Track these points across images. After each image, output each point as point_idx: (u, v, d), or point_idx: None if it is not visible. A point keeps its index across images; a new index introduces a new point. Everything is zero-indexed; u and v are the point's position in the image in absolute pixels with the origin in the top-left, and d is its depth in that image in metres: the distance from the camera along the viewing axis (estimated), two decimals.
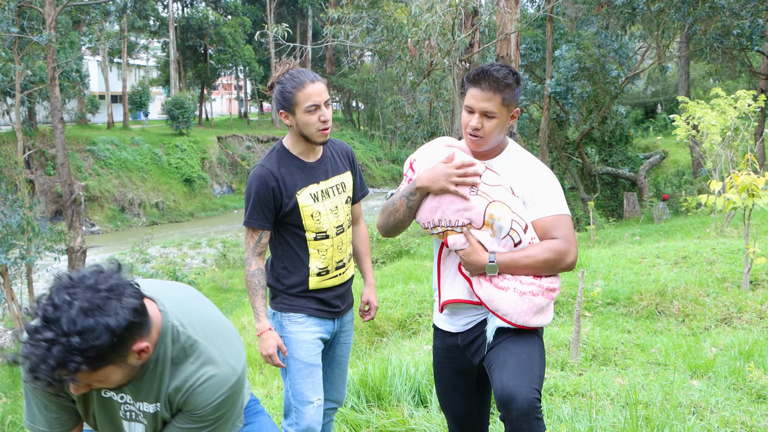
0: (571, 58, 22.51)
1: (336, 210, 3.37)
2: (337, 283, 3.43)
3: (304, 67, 3.68)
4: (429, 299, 7.86)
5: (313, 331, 3.35)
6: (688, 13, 18.57)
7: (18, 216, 17.81)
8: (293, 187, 3.26)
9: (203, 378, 2.08)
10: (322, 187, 3.34)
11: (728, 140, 11.83)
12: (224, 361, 2.11)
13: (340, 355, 3.60)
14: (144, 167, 42.43)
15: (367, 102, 66.19)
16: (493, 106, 2.73)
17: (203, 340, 2.12)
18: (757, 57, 24.25)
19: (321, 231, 3.31)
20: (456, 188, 2.70)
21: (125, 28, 48.12)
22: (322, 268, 3.34)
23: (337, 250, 3.39)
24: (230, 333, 2.24)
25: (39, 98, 34.31)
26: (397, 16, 13.54)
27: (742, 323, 6.22)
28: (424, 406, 4.38)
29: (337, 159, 3.47)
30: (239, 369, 2.14)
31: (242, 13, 59.37)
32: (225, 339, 2.18)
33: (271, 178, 3.23)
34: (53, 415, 2.25)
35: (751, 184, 6.55)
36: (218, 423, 2.16)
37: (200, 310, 2.25)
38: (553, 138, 25.40)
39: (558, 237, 2.74)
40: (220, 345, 2.14)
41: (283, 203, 3.25)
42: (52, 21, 20.59)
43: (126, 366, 1.99)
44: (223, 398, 2.10)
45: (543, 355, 2.80)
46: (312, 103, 3.16)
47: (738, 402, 4.25)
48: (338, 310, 3.46)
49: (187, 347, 2.10)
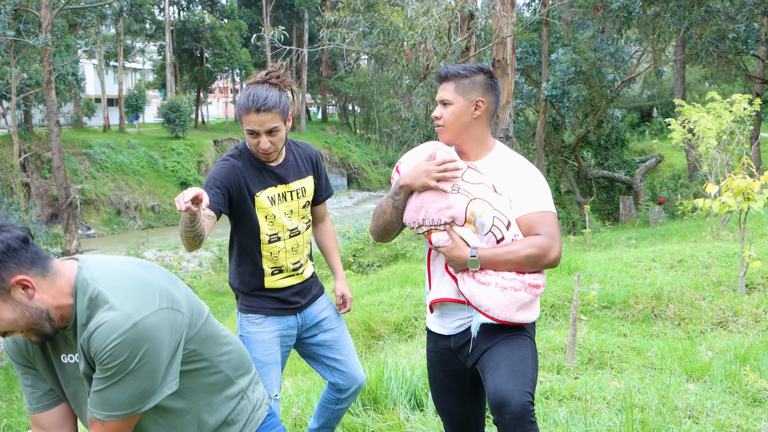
0: (567, 62, 22.53)
1: (290, 214, 3.44)
2: (294, 282, 3.51)
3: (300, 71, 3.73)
4: (424, 302, 7.85)
5: (270, 331, 3.45)
6: (683, 17, 18.60)
7: (14, 219, 17.80)
8: (253, 187, 3.32)
9: (98, 323, 2.05)
10: (280, 190, 3.40)
11: (724, 144, 11.84)
12: (121, 307, 2.07)
13: (333, 340, 3.64)
14: (140, 170, 42.41)
15: (363, 105, 66.26)
16: (447, 94, 2.89)
17: (106, 289, 2.11)
18: (753, 61, 24.31)
19: (273, 233, 3.39)
20: (437, 184, 2.75)
21: (121, 32, 48.17)
22: (275, 267, 3.43)
23: (291, 252, 3.47)
24: (137, 286, 2.17)
25: (35, 101, 34.30)
26: (393, 20, 13.54)
27: (738, 327, 6.23)
28: (420, 409, 4.37)
29: (299, 163, 3.51)
30: (135, 317, 2.06)
31: (238, 16, 59.41)
32: (133, 290, 2.14)
33: (238, 170, 3.30)
34: (31, 390, 2.35)
35: (746, 188, 6.55)
36: (121, 375, 2.08)
37: (122, 269, 2.24)
38: (549, 141, 25.42)
39: (541, 233, 2.77)
40: (122, 294, 2.11)
41: (241, 199, 3.30)
42: (48, 24, 20.58)
43: (13, 302, 2.06)
44: (116, 344, 2.04)
45: (536, 357, 2.80)
46: (250, 129, 3.20)
47: (734, 406, 4.25)
48: (297, 306, 3.53)
49: (93, 296, 2.10)
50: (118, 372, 2.07)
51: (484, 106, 2.89)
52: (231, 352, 2.44)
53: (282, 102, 3.22)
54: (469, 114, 2.87)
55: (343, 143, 59.46)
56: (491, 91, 2.91)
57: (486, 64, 19.44)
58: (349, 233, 17.02)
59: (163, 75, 56.95)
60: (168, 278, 2.31)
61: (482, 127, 2.92)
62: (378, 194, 52.59)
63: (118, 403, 2.11)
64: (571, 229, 21.98)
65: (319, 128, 62.17)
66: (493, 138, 2.97)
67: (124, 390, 2.10)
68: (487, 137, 2.95)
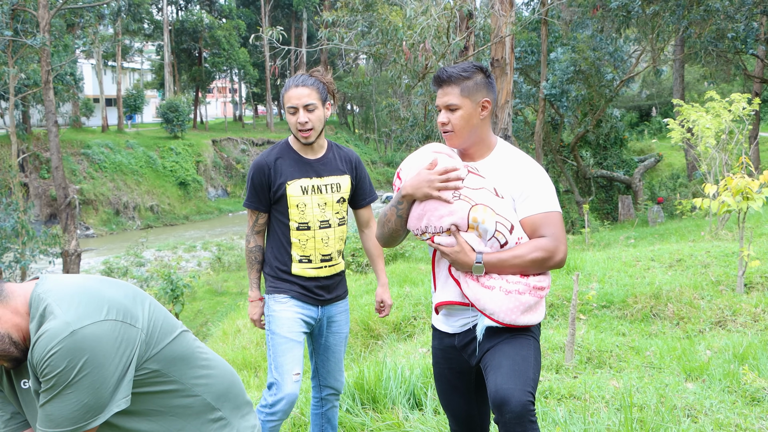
0: (566, 61, 22.54)
1: (324, 206, 3.64)
2: (322, 274, 3.66)
3: (299, 70, 3.88)
4: (424, 302, 7.85)
5: (294, 311, 3.60)
6: (682, 16, 18.60)
7: (12, 219, 17.78)
8: (284, 178, 3.57)
9: (40, 333, 2.01)
10: (315, 182, 3.62)
11: (723, 143, 11.84)
12: (62, 317, 2.02)
13: (333, 344, 3.80)
14: (139, 170, 42.40)
15: (362, 105, 66.29)
16: (453, 98, 2.83)
17: (53, 301, 2.06)
18: (752, 60, 24.31)
19: (303, 222, 3.59)
20: (439, 193, 2.73)
21: (119, 32, 48.15)
22: (303, 256, 3.61)
23: (321, 243, 3.64)
24: (83, 296, 2.11)
25: (33, 101, 34.29)
26: (391, 19, 13.53)
27: (737, 326, 6.22)
28: (419, 408, 4.37)
29: (338, 161, 3.74)
30: (75, 325, 2.00)
31: (237, 16, 59.41)
32: (78, 300, 2.08)
33: (265, 166, 3.59)
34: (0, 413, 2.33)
35: (745, 187, 6.55)
36: (61, 387, 2.01)
37: (76, 282, 2.19)
38: (548, 141, 25.44)
39: (546, 235, 2.75)
40: (66, 305, 2.06)
41: (272, 190, 3.58)
42: (46, 24, 20.57)
43: None
44: (53, 353, 1.98)
45: (538, 357, 2.80)
46: (290, 105, 3.52)
47: (732, 405, 4.25)
48: (321, 299, 3.68)
49: (42, 310, 2.06)
50: (57, 384, 2.00)
51: (490, 106, 2.87)
52: (211, 376, 2.35)
53: (320, 85, 3.56)
54: (477, 116, 2.84)
55: (342, 143, 59.34)
56: (492, 89, 2.88)
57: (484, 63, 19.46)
58: (348, 233, 17.01)
59: (161, 75, 56.97)
60: (131, 295, 2.24)
61: (486, 126, 2.90)
62: (377, 194, 52.62)
63: (60, 418, 2.03)
64: (570, 229, 21.98)
65: None
66: (494, 135, 2.95)
67: (66, 404, 2.02)
68: (490, 136, 2.93)
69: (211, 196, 47.53)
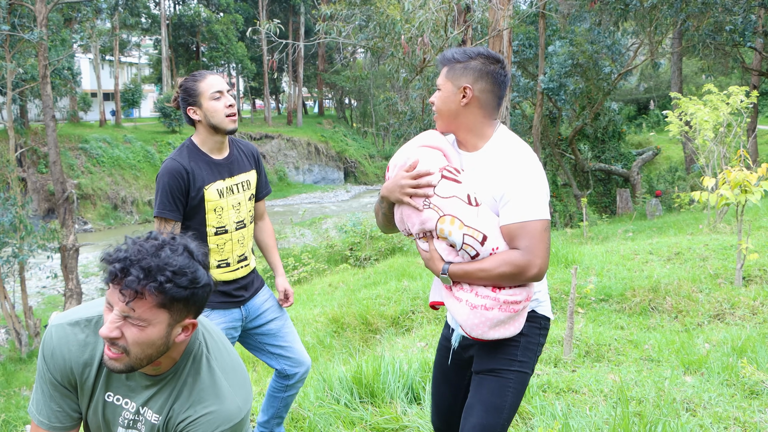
0: (563, 55, 22.53)
1: (238, 206, 3.55)
2: (239, 275, 3.61)
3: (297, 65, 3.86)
4: (422, 296, 7.85)
5: (216, 323, 3.50)
6: (680, 9, 18.59)
7: (10, 214, 17.76)
8: (201, 182, 3.42)
9: (207, 410, 2.07)
10: (228, 183, 3.52)
11: (721, 136, 11.84)
12: (232, 398, 2.10)
13: (277, 328, 3.76)
14: (136, 165, 42.32)
15: (359, 99, 66.14)
16: (439, 78, 2.75)
17: (220, 370, 2.13)
18: (750, 53, 24.29)
19: (221, 226, 3.50)
20: (410, 200, 2.63)
21: (117, 26, 47.97)
22: (221, 260, 3.52)
23: (237, 245, 3.58)
24: (244, 373, 2.22)
25: (31, 96, 34.18)
26: (389, 13, 13.51)
27: (735, 319, 6.23)
28: (417, 403, 4.37)
29: (243, 157, 3.64)
30: (244, 411, 2.12)
31: (234, 10, 59.20)
32: (239, 377, 2.17)
33: (182, 170, 3.39)
34: (55, 407, 2.23)
35: (743, 180, 6.55)
36: None
37: (222, 341, 2.26)
38: (546, 134, 25.43)
39: (521, 247, 2.54)
40: (233, 381, 2.14)
41: (191, 196, 3.41)
42: (43, 18, 20.51)
43: (169, 332, 2.01)
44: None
45: (516, 402, 2.73)
46: (215, 89, 3.40)
47: (731, 398, 4.25)
48: (242, 299, 3.63)
49: (203, 372, 2.11)
50: None
51: (472, 93, 2.67)
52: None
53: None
54: (456, 101, 2.68)
55: (340, 137, 59.35)
56: (487, 77, 2.68)
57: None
58: (346, 227, 16.99)
59: (159, 69, 56.78)
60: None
61: (474, 116, 2.70)
62: (375, 188, 52.54)
63: None
64: (568, 222, 22.01)
65: (316, 122, 62.03)
66: (492, 124, 2.74)
67: None
68: (483, 127, 2.72)
69: None
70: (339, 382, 4.48)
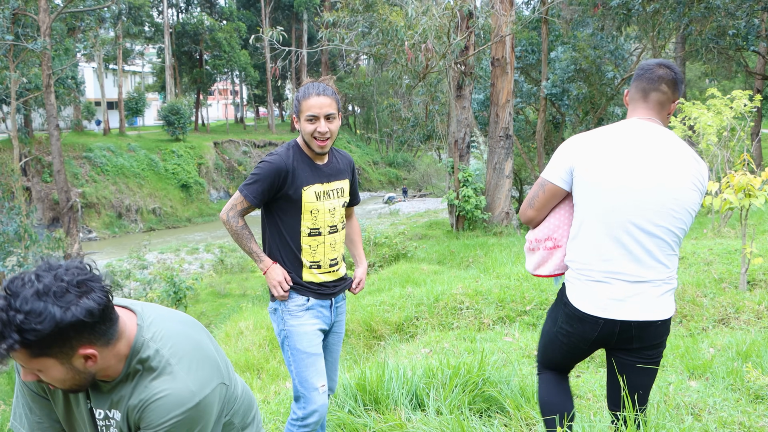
0: (566, 60, 22.54)
1: (333, 211, 3.63)
2: (329, 279, 3.68)
3: (300, 72, 3.88)
4: (426, 302, 7.83)
5: (312, 323, 3.60)
6: (683, 13, 18.59)
7: (15, 223, 17.81)
8: (301, 182, 3.51)
9: (159, 395, 2.01)
10: (326, 188, 3.60)
11: (724, 140, 11.82)
12: (184, 381, 2.03)
13: (332, 344, 3.85)
14: (141, 173, 42.43)
15: (363, 105, 66.27)
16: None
17: (170, 356, 2.06)
18: (753, 57, 24.29)
19: (315, 228, 3.57)
20: None
21: (120, 35, 48.17)
22: (313, 262, 3.60)
23: (329, 248, 3.65)
24: (207, 361, 2.15)
25: (35, 105, 34.32)
26: (392, 20, 13.53)
27: (740, 324, 6.21)
28: (421, 409, 4.35)
29: (341, 165, 3.74)
30: (199, 395, 2.04)
31: (237, 18, 59.42)
32: (197, 363, 2.10)
33: (284, 169, 3.48)
34: (36, 419, 2.26)
35: (747, 185, 6.54)
36: None
37: (184, 332, 2.19)
38: (550, 140, 25.42)
39: None
40: (187, 366, 2.07)
41: (288, 194, 3.49)
42: (46, 28, 20.59)
43: (70, 367, 1.97)
44: (176, 421, 2.01)
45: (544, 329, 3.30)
46: (312, 113, 3.44)
47: (736, 402, 4.23)
48: (332, 292, 3.70)
49: (157, 363, 2.05)
50: None
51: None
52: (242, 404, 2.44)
53: (337, 96, 3.54)
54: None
55: (344, 144, 59.43)
56: None
57: (485, 63, 19.44)
58: None
59: (162, 77, 56.96)
60: (212, 340, 2.30)
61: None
62: (379, 194, 52.47)
63: None
64: None
65: None
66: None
67: None
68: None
69: (213, 198, 47.54)
70: (343, 388, 4.47)
